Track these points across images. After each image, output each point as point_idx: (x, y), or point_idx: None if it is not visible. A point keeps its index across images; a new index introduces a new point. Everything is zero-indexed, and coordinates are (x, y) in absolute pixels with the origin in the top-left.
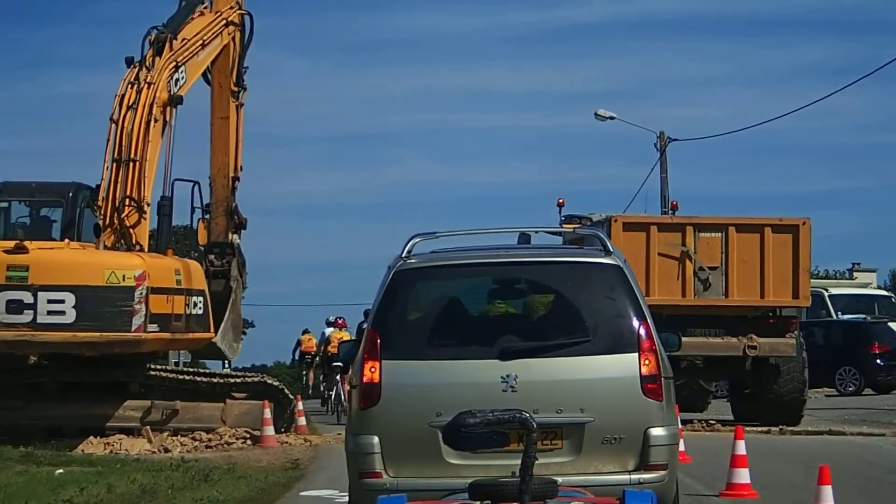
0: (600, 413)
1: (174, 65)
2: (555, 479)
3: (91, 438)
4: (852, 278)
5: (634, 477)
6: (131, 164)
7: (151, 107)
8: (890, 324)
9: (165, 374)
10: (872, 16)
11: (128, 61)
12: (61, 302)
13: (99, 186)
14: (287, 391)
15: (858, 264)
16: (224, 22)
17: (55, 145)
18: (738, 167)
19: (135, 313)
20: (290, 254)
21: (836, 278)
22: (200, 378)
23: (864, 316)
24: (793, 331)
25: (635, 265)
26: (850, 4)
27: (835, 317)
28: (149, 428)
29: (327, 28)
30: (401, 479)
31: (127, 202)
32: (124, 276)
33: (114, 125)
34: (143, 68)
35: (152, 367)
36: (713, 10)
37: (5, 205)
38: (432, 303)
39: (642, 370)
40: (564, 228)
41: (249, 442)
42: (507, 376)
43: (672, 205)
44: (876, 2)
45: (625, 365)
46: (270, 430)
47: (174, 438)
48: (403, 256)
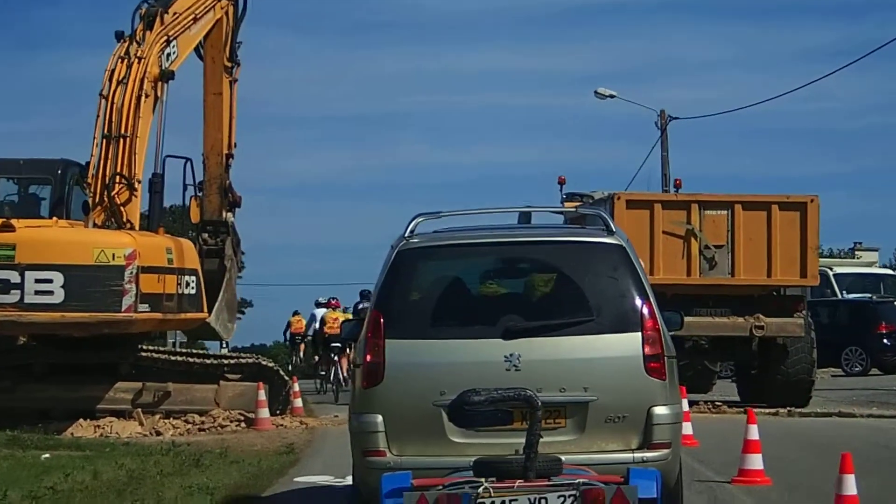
0: (604, 392)
1: (165, 39)
2: (559, 457)
3: (81, 421)
4: (854, 257)
5: (638, 455)
6: (122, 141)
7: (142, 82)
8: None
9: (157, 356)
10: None
11: (118, 36)
12: (49, 282)
13: (88, 163)
14: (283, 372)
15: (860, 243)
16: None
17: (43, 126)
18: (738, 149)
19: (125, 293)
20: (289, 234)
21: (840, 257)
22: (193, 359)
23: (870, 295)
24: (801, 310)
25: (639, 244)
26: None
27: (840, 296)
28: (140, 410)
29: (328, 8)
30: (404, 458)
31: (117, 179)
32: (114, 254)
33: (104, 101)
34: (134, 43)
35: (144, 348)
36: None
37: None
38: (435, 282)
39: (645, 349)
40: (567, 208)
41: (244, 425)
42: (511, 355)
43: (675, 182)
44: None
45: (628, 344)
46: (265, 412)
47: (166, 421)
48: (406, 236)
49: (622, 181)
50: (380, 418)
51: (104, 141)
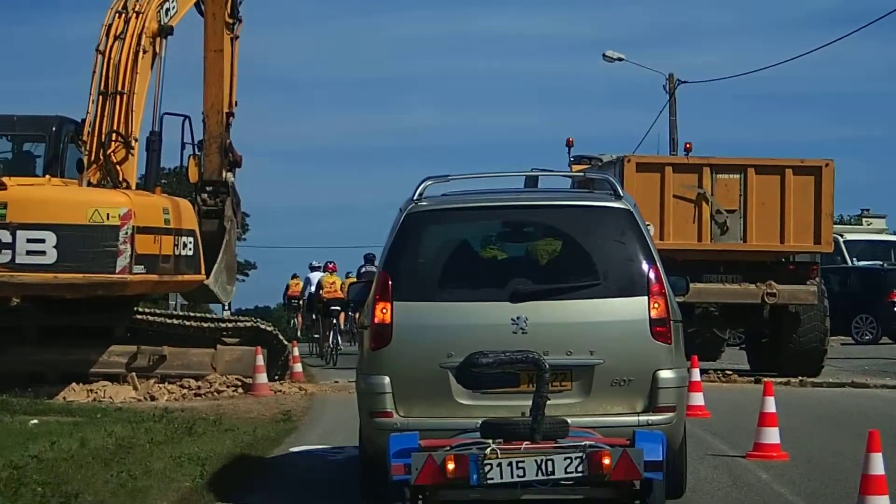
0: (610, 355)
1: None
2: (565, 419)
3: (73, 385)
4: (861, 224)
5: (643, 418)
6: (118, 98)
7: (140, 37)
8: None
9: (153, 319)
10: None
11: None
12: (41, 241)
13: (84, 121)
14: (282, 337)
15: (868, 210)
16: None
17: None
18: (745, 115)
19: (119, 254)
20: (295, 196)
21: (849, 224)
22: (189, 322)
23: (881, 263)
24: (814, 277)
25: (649, 207)
26: None
27: (850, 263)
28: (134, 375)
29: None
30: (411, 419)
31: (113, 137)
32: (108, 214)
33: (100, 56)
34: None
35: (139, 310)
36: None
37: None
38: (443, 245)
39: (651, 313)
40: (575, 173)
41: (241, 390)
42: (518, 318)
43: (686, 146)
44: None
45: (634, 308)
46: (263, 377)
47: (161, 386)
48: (415, 199)
49: (630, 146)
50: (387, 380)
51: (100, 98)
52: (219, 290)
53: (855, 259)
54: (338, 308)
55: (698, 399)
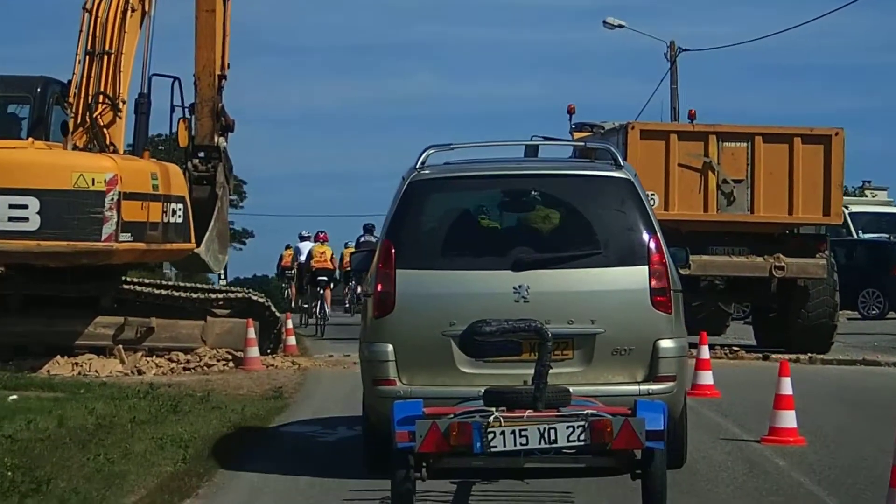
0: (611, 324)
1: None
2: (567, 388)
3: (58, 358)
4: (865, 195)
5: (644, 388)
6: (106, 58)
7: None
8: None
9: (140, 289)
10: None
11: None
12: (24, 207)
13: (70, 82)
14: (274, 308)
15: (869, 182)
16: None
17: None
18: (747, 85)
19: (105, 221)
20: (294, 164)
21: (853, 195)
22: (179, 293)
23: (888, 236)
24: (823, 250)
25: (653, 176)
26: None
27: (856, 236)
28: (121, 347)
29: None
30: (414, 387)
31: (100, 99)
32: (94, 179)
33: (87, 14)
34: None
35: (127, 280)
36: None
37: None
38: (446, 214)
39: (652, 283)
40: (576, 141)
41: (231, 364)
42: (520, 287)
43: (690, 113)
44: None
45: (635, 277)
46: (255, 351)
47: (149, 359)
48: (418, 167)
49: (631, 114)
50: (390, 347)
51: (87, 58)
52: (210, 259)
53: (861, 231)
54: (325, 279)
55: (707, 378)
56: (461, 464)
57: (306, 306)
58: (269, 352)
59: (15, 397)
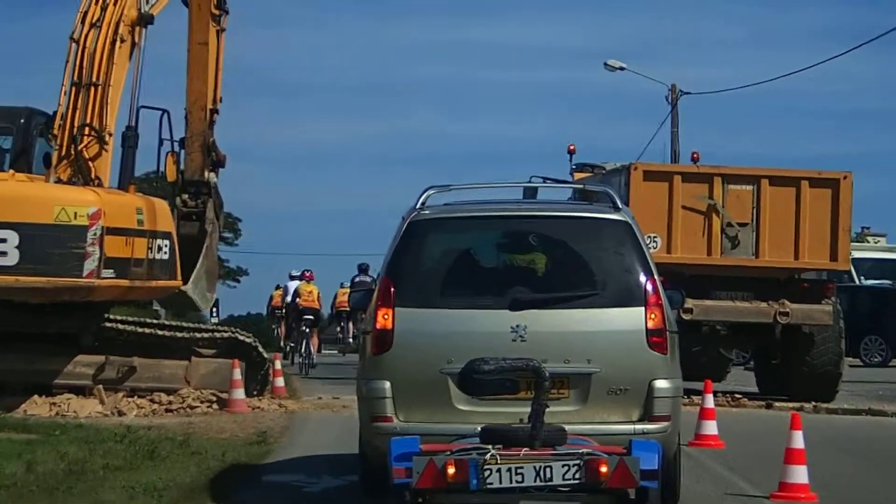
0: (607, 364)
1: None
2: (564, 427)
3: (35, 397)
4: (866, 241)
5: (639, 427)
6: (93, 89)
7: (118, 25)
8: None
9: (122, 327)
10: None
11: None
12: (3, 241)
13: (56, 113)
14: (261, 349)
15: (868, 228)
16: None
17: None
18: (747, 128)
19: (87, 256)
20: (293, 202)
21: (854, 241)
22: (162, 331)
23: (890, 282)
24: (829, 296)
25: (656, 218)
26: None
27: (858, 282)
28: (101, 387)
29: None
30: (411, 424)
31: (86, 131)
32: (76, 213)
33: (74, 44)
34: None
35: (109, 317)
36: None
37: None
38: (445, 253)
39: (648, 324)
40: (575, 183)
41: (216, 406)
42: (517, 326)
43: (693, 156)
44: None
45: (631, 318)
46: (240, 392)
47: (130, 400)
48: (418, 207)
49: (632, 157)
50: (388, 384)
51: (73, 89)
52: (198, 296)
53: (863, 278)
54: (311, 318)
55: (711, 428)
56: (457, 500)
57: (293, 345)
58: (255, 393)
59: None
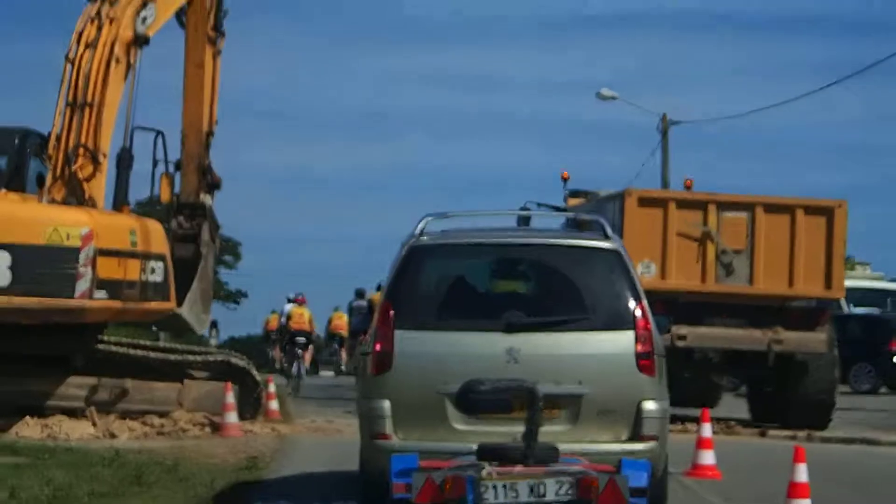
0: (597, 386)
1: (141, 0)
2: (556, 445)
3: (27, 419)
4: (853, 270)
5: (628, 447)
6: (87, 109)
7: (113, 45)
8: None
9: (115, 349)
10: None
11: None
12: None
13: (51, 133)
14: (255, 372)
15: (852, 258)
16: None
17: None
18: (737, 157)
19: (79, 277)
20: (293, 225)
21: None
22: (155, 353)
23: (879, 310)
24: (824, 324)
25: (650, 245)
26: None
27: (847, 310)
28: (93, 409)
29: (334, 7)
30: (409, 442)
31: (80, 151)
32: (68, 234)
33: (69, 65)
34: (106, 2)
35: (102, 339)
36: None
37: None
38: (443, 278)
39: (637, 347)
40: (567, 212)
41: (208, 429)
42: (511, 349)
43: (686, 183)
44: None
45: (621, 342)
46: (233, 416)
47: (122, 422)
48: (416, 234)
49: (623, 185)
50: (387, 403)
51: (68, 109)
52: (192, 318)
53: (852, 305)
54: (303, 340)
55: (709, 458)
56: None
57: (286, 366)
58: (248, 417)
59: None
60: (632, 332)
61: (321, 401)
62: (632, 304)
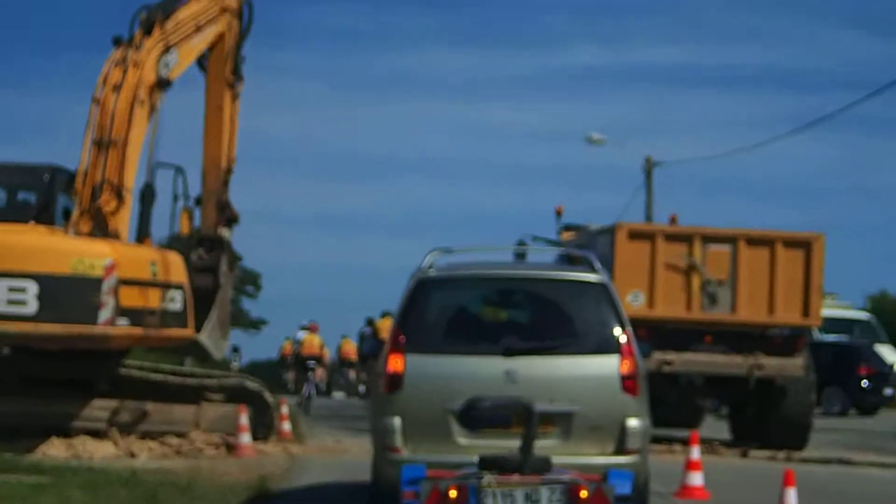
0: (586, 404)
1: (164, 45)
2: (549, 457)
3: (53, 439)
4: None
5: (613, 459)
6: (112, 148)
7: (137, 88)
8: (875, 346)
9: (136, 373)
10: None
11: (115, 41)
12: (22, 290)
13: (77, 170)
14: (267, 395)
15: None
16: (220, 7)
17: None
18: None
19: (102, 305)
20: (306, 258)
21: None
22: (174, 378)
23: (848, 336)
24: (801, 350)
25: (639, 275)
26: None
27: (818, 338)
28: (116, 430)
29: (335, 62)
30: (417, 454)
31: (106, 187)
32: (93, 264)
33: (95, 106)
34: (132, 48)
35: (124, 363)
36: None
37: None
38: (448, 307)
39: (622, 370)
40: (561, 247)
41: (224, 449)
42: (510, 371)
43: (671, 218)
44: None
45: (608, 365)
46: (247, 437)
47: (143, 442)
48: (424, 267)
49: (611, 220)
50: (398, 420)
51: (94, 147)
52: (211, 345)
53: (823, 333)
54: (313, 363)
55: (697, 479)
56: None
57: (298, 386)
58: (262, 437)
59: None
60: (617, 357)
61: (331, 420)
62: (617, 330)
